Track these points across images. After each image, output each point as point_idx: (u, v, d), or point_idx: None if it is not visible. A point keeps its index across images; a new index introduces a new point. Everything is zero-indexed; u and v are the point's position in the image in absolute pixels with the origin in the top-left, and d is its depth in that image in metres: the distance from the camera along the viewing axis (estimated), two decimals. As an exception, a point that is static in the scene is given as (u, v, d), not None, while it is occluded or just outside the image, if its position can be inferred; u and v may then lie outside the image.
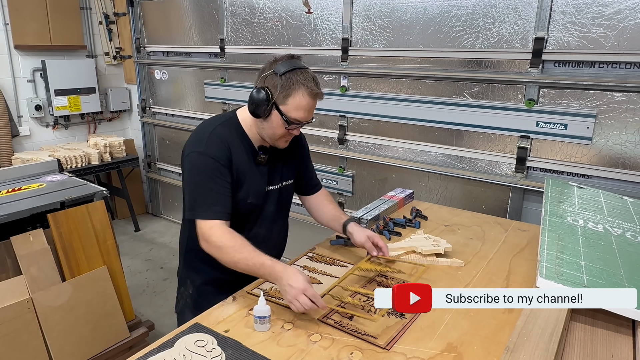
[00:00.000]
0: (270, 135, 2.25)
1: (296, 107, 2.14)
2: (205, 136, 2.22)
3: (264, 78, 2.16)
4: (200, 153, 2.18)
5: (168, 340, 1.83)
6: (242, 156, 2.28)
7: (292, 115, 2.15)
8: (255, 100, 2.15)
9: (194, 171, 2.20)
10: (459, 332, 1.88)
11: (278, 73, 2.12)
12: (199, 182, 2.18)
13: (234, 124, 2.31)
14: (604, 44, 3.33)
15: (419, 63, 4.23)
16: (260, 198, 2.39)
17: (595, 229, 2.49)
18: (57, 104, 6.48)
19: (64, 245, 3.47)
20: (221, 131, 2.25)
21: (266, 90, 2.14)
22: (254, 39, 5.41)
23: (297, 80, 2.11)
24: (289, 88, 2.11)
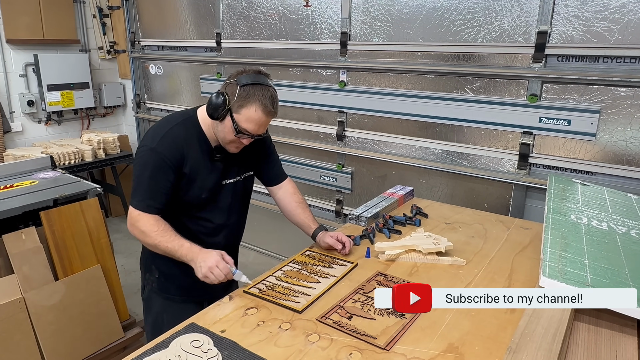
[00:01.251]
0: (222, 138, 2.40)
1: (247, 119, 2.28)
2: (161, 134, 2.36)
3: (226, 84, 2.33)
4: (150, 149, 2.33)
5: (163, 340, 1.83)
6: (197, 154, 2.42)
7: (242, 125, 2.30)
8: (213, 103, 2.30)
9: (139, 164, 2.35)
10: (460, 332, 1.88)
11: (239, 84, 2.27)
12: (141, 175, 2.34)
13: (192, 123, 2.45)
14: (608, 38, 3.32)
15: (419, 57, 4.23)
16: (215, 192, 2.53)
17: (600, 226, 2.49)
18: (49, 100, 6.47)
19: (56, 244, 3.47)
20: (177, 131, 2.39)
21: (224, 95, 2.29)
22: (251, 33, 5.40)
23: (254, 94, 2.26)
24: (245, 99, 2.26)
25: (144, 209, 2.32)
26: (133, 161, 2.40)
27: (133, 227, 2.35)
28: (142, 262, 2.76)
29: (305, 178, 5.15)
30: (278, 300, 2.12)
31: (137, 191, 2.34)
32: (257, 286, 2.26)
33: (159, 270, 2.63)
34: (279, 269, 2.44)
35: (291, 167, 5.18)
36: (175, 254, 2.28)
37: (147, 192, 2.32)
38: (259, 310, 2.04)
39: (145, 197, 2.32)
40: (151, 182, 2.32)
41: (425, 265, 2.46)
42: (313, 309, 2.06)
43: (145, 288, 2.74)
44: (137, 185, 2.34)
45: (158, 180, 2.32)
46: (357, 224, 3.01)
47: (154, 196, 2.33)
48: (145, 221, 2.31)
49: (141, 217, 2.32)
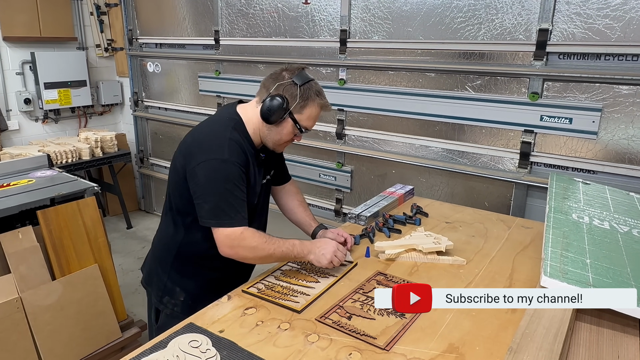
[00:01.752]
0: (276, 140, 2.38)
1: (309, 117, 2.33)
2: (225, 142, 2.26)
3: (281, 87, 2.28)
4: (224, 161, 2.22)
5: (161, 340, 1.83)
6: (251, 158, 2.36)
7: (304, 124, 2.33)
8: (272, 107, 2.26)
9: (217, 179, 2.22)
10: (461, 332, 1.88)
11: (297, 84, 2.27)
12: (224, 191, 2.22)
13: (241, 127, 2.37)
14: (610, 35, 3.32)
15: (419, 55, 4.23)
16: (259, 194, 2.50)
17: (601, 226, 2.49)
18: (46, 98, 6.46)
19: (53, 243, 3.46)
20: (236, 137, 2.31)
21: (284, 98, 2.26)
22: (250, 31, 5.40)
23: (313, 92, 2.30)
24: (307, 99, 2.29)
25: (240, 224, 2.22)
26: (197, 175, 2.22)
27: (239, 248, 2.23)
28: (155, 284, 2.62)
29: (304, 177, 5.15)
30: (277, 300, 2.11)
31: (223, 210, 2.21)
32: (256, 286, 2.26)
33: (187, 292, 2.51)
34: (278, 269, 2.43)
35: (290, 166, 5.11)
36: (290, 255, 2.30)
37: (236, 205, 2.23)
38: (257, 310, 2.04)
39: (236, 211, 2.22)
40: (237, 194, 2.23)
41: (425, 265, 2.46)
42: (312, 308, 2.05)
43: (162, 313, 2.60)
44: (222, 202, 2.21)
45: (242, 189, 2.26)
46: (356, 223, 3.01)
47: (243, 207, 2.25)
48: (251, 236, 2.22)
49: (246, 233, 2.22)
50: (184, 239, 2.45)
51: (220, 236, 2.22)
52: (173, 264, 2.52)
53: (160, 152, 7.09)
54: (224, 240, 2.21)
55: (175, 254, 2.50)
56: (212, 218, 2.22)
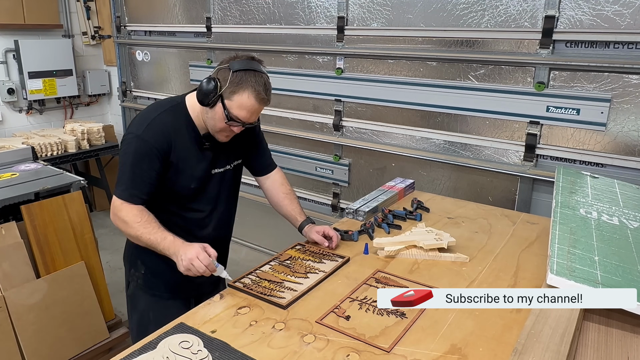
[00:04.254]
0: (212, 126, 2.40)
1: (239, 106, 2.29)
2: (147, 121, 2.35)
3: (218, 70, 2.33)
4: (137, 136, 2.32)
5: (150, 341, 1.82)
6: (185, 143, 2.42)
7: (234, 112, 2.30)
8: (204, 89, 2.30)
9: (125, 152, 2.35)
10: (464, 332, 1.87)
11: (232, 69, 2.27)
12: (126, 163, 2.34)
13: (181, 110, 2.45)
14: (619, 22, 3.31)
15: (420, 43, 4.21)
16: (204, 181, 2.53)
17: (610, 221, 2.49)
18: (31, 87, 6.44)
19: (38, 239, 3.46)
20: (164, 118, 2.38)
21: (216, 81, 2.29)
22: (243, 18, 5.38)
23: (247, 80, 2.27)
24: (237, 85, 2.26)
25: (127, 199, 2.32)
26: (119, 150, 2.38)
27: (115, 217, 2.36)
28: (126, 256, 2.74)
29: (300, 170, 5.14)
30: (262, 295, 2.12)
31: (121, 180, 2.34)
32: (242, 281, 2.27)
33: (145, 265, 2.61)
34: (266, 264, 2.44)
35: (285, 159, 5.17)
36: (158, 246, 2.29)
37: (132, 181, 2.32)
38: (251, 309, 2.04)
39: (129, 186, 2.32)
40: (136, 171, 2.32)
41: (426, 262, 2.45)
42: (308, 308, 2.05)
43: (130, 284, 2.72)
44: (122, 173, 2.34)
45: (143, 169, 2.32)
46: (354, 218, 3.00)
47: (139, 185, 2.33)
48: (128, 211, 2.32)
49: (124, 206, 2.32)
50: None
51: (112, 202, 2.39)
52: None
53: (150, 144, 7.05)
54: (111, 207, 2.39)
55: None
56: (115, 185, 2.38)
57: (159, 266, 2.54)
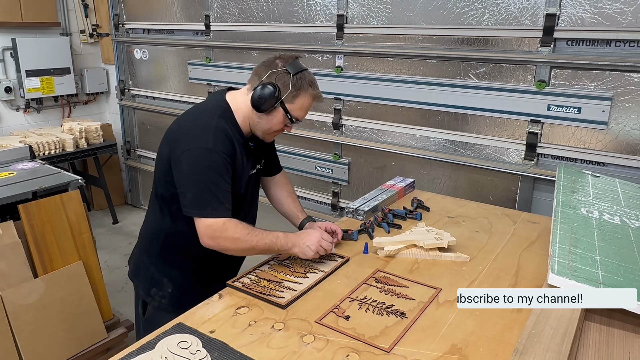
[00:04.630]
0: (266, 129, 2.41)
1: (300, 107, 2.35)
2: (211, 131, 2.28)
3: (274, 75, 2.30)
4: (209, 150, 2.24)
5: (149, 341, 1.82)
6: (239, 147, 2.38)
7: (295, 114, 2.36)
8: (264, 96, 2.28)
9: (200, 168, 2.25)
10: (464, 332, 1.87)
11: (291, 73, 2.29)
12: (208, 181, 2.25)
13: (229, 115, 2.39)
14: (621, 20, 3.31)
15: (420, 41, 4.21)
16: (247, 184, 2.53)
17: (612, 220, 2.48)
18: (28, 86, 6.42)
19: (36, 239, 3.45)
20: (224, 125, 2.32)
21: (276, 87, 2.28)
22: (242, 16, 5.37)
23: (306, 82, 2.33)
24: (299, 89, 2.31)
25: (223, 215, 2.24)
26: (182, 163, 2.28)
27: (220, 239, 2.25)
28: (142, 276, 2.65)
29: (299, 169, 5.14)
30: (261, 295, 2.12)
31: (206, 200, 2.24)
32: (241, 280, 2.27)
33: (174, 283, 2.55)
34: (265, 263, 2.44)
35: (284, 158, 5.16)
36: (273, 247, 2.33)
37: (219, 196, 2.25)
38: (250, 309, 2.03)
39: (219, 202, 2.24)
40: (221, 185, 2.26)
41: (426, 262, 2.45)
42: (307, 307, 2.05)
43: (148, 306, 2.63)
44: (205, 193, 2.24)
45: (226, 180, 2.28)
46: (354, 217, 3.00)
47: (227, 198, 2.27)
48: (234, 227, 2.25)
49: (228, 224, 2.24)
50: (171, 228, 2.49)
51: (201, 227, 2.25)
52: (160, 253, 2.57)
53: (148, 143, 7.08)
54: (206, 231, 2.24)
55: (162, 243, 2.55)
56: (194, 208, 2.26)
57: (189, 282, 2.54)
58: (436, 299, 2.09)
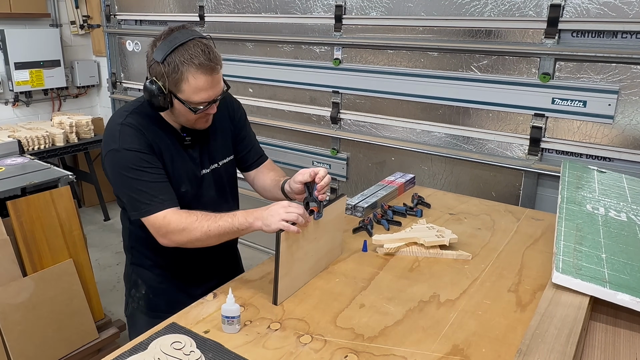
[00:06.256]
0: (186, 122, 2.24)
1: (195, 90, 2.09)
2: (117, 130, 2.17)
3: (149, 68, 2.13)
4: (117, 151, 2.14)
5: (141, 342, 1.81)
6: (165, 141, 2.25)
7: (195, 100, 2.11)
8: (150, 94, 2.10)
9: (117, 171, 2.16)
10: (466, 332, 1.87)
11: (157, 60, 2.06)
12: (129, 181, 2.14)
13: (147, 111, 2.24)
14: (628, 11, 3.30)
15: (421, 33, 4.20)
16: (194, 184, 2.38)
17: (618, 217, 2.48)
18: (17, 79, 6.43)
19: (25, 236, 3.45)
20: (133, 120, 2.19)
21: (154, 82, 2.08)
22: (237, 6, 5.36)
23: (181, 61, 2.04)
24: (176, 73, 2.05)
25: (160, 208, 2.12)
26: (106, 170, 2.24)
27: (169, 234, 2.13)
28: (126, 275, 2.62)
29: (296, 164, 5.13)
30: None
31: (137, 200, 2.14)
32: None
33: (147, 284, 2.50)
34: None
35: (281, 153, 5.17)
36: (232, 227, 2.10)
37: (149, 192, 2.13)
38: (245, 308, 2.03)
39: (150, 197, 2.13)
40: (145, 179, 2.13)
41: (427, 260, 2.45)
42: (305, 307, 2.04)
43: (129, 305, 2.61)
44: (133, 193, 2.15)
45: (148, 173, 2.14)
46: (353, 214, 2.99)
47: (159, 191, 2.14)
48: (177, 218, 2.11)
49: (168, 218, 2.12)
50: (132, 230, 2.44)
51: (150, 227, 2.17)
52: (133, 256, 2.53)
53: (141, 137, 7.04)
54: (153, 231, 2.17)
55: (131, 246, 2.52)
56: (132, 210, 2.19)
57: (161, 284, 2.49)
58: (437, 299, 2.09)
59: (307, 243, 2.17)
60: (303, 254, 2.16)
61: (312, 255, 2.24)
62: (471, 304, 2.05)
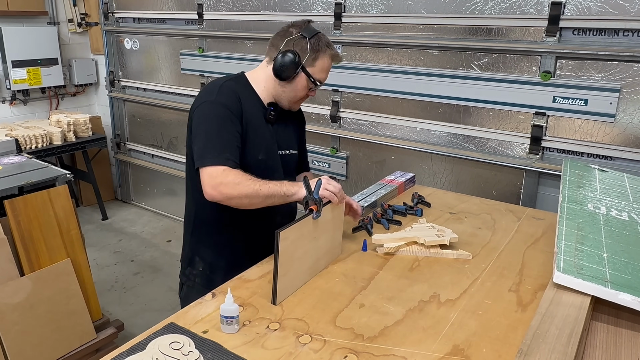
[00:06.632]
0: (292, 97, 2.51)
1: (322, 69, 2.46)
2: (216, 88, 2.40)
3: (291, 42, 2.41)
4: (212, 102, 2.37)
5: (139, 342, 1.81)
6: (253, 110, 2.46)
7: (317, 77, 2.46)
8: (284, 63, 2.39)
9: (204, 119, 2.37)
10: (466, 333, 1.87)
11: (306, 37, 2.40)
12: (209, 130, 2.34)
13: (243, 82, 2.53)
14: (629, 9, 3.31)
15: (421, 31, 4.20)
16: (270, 158, 2.55)
17: (620, 217, 2.48)
18: (14, 77, 6.41)
19: (22, 236, 3.44)
20: (232, 85, 2.44)
21: (295, 53, 2.38)
22: (236, 4, 5.36)
23: (323, 43, 2.43)
24: (318, 51, 2.41)
25: (223, 162, 2.26)
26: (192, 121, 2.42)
27: (222, 186, 2.24)
28: (183, 256, 2.75)
29: (296, 163, 5.12)
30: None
31: (207, 148, 2.30)
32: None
33: (204, 261, 2.62)
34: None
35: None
36: (280, 192, 2.29)
37: (223, 146, 2.30)
38: (244, 308, 2.02)
39: (222, 150, 2.28)
40: (223, 135, 2.32)
41: (427, 259, 2.45)
42: (304, 307, 2.04)
43: (184, 286, 2.72)
44: (207, 141, 2.31)
45: (230, 131, 2.33)
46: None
47: (230, 149, 2.31)
48: (234, 173, 2.25)
49: (228, 171, 2.25)
50: (198, 204, 2.55)
51: (204, 177, 2.28)
52: (193, 232, 2.66)
53: (139, 136, 7.07)
54: (207, 180, 2.27)
55: (193, 221, 2.65)
56: (198, 159, 2.32)
57: (219, 261, 2.59)
58: (437, 298, 2.09)
59: (307, 242, 2.18)
60: (302, 254, 2.17)
61: (311, 254, 2.24)
62: (472, 304, 2.05)
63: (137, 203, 7.45)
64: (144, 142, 6.99)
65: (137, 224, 6.79)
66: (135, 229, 6.61)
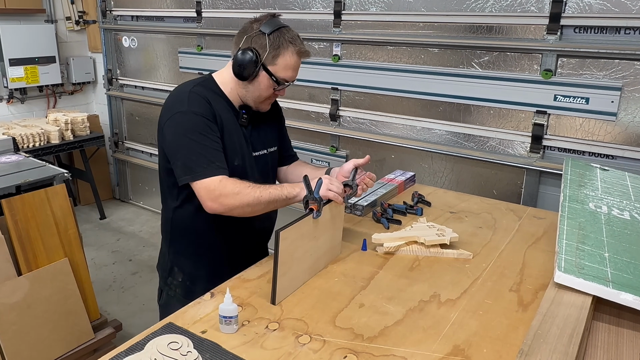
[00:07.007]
0: (256, 97, 2.41)
1: (285, 67, 2.32)
2: (185, 96, 2.32)
3: (250, 38, 2.31)
4: (184, 113, 2.27)
5: (137, 342, 1.81)
6: (225, 113, 2.39)
7: (281, 75, 2.33)
8: (242, 62, 2.29)
9: (182, 132, 2.28)
10: (467, 333, 1.87)
11: (265, 33, 2.28)
12: (190, 142, 2.25)
13: (211, 85, 2.43)
14: (631, 7, 3.30)
15: (421, 29, 4.20)
16: (246, 162, 2.49)
17: (621, 216, 2.48)
18: (12, 75, 6.40)
19: (19, 235, 3.44)
20: (200, 90, 2.35)
21: (253, 51, 2.28)
22: (235, 2, 5.36)
23: (284, 39, 2.29)
24: (278, 47, 2.29)
25: (215, 173, 2.22)
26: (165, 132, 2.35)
27: (222, 197, 2.21)
28: (161, 264, 2.70)
29: (295, 162, 5.12)
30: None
31: (193, 162, 2.24)
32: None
33: (184, 272, 2.57)
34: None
35: (280, 151, 5.16)
36: (282, 196, 2.27)
37: (206, 155, 2.24)
38: (243, 308, 2.02)
39: (208, 161, 2.23)
40: (205, 143, 2.25)
41: (427, 259, 2.45)
42: (303, 307, 2.04)
43: (163, 294, 2.68)
44: (190, 155, 2.25)
45: (212, 139, 2.27)
46: (352, 213, 2.99)
47: (218, 157, 2.27)
48: (232, 183, 2.22)
49: (225, 181, 2.22)
50: (176, 215, 2.52)
51: (200, 191, 2.24)
52: (171, 241, 2.62)
53: (137, 135, 7.07)
54: (205, 194, 2.23)
55: (170, 231, 2.60)
56: (186, 174, 2.26)
57: (198, 271, 2.55)
58: (438, 298, 2.09)
59: (307, 242, 2.18)
60: (302, 253, 2.17)
61: (311, 254, 2.23)
62: (472, 304, 2.05)
63: (135, 202, 7.44)
64: (142, 141, 6.99)
65: (135, 223, 6.78)
66: (134, 228, 6.61)
